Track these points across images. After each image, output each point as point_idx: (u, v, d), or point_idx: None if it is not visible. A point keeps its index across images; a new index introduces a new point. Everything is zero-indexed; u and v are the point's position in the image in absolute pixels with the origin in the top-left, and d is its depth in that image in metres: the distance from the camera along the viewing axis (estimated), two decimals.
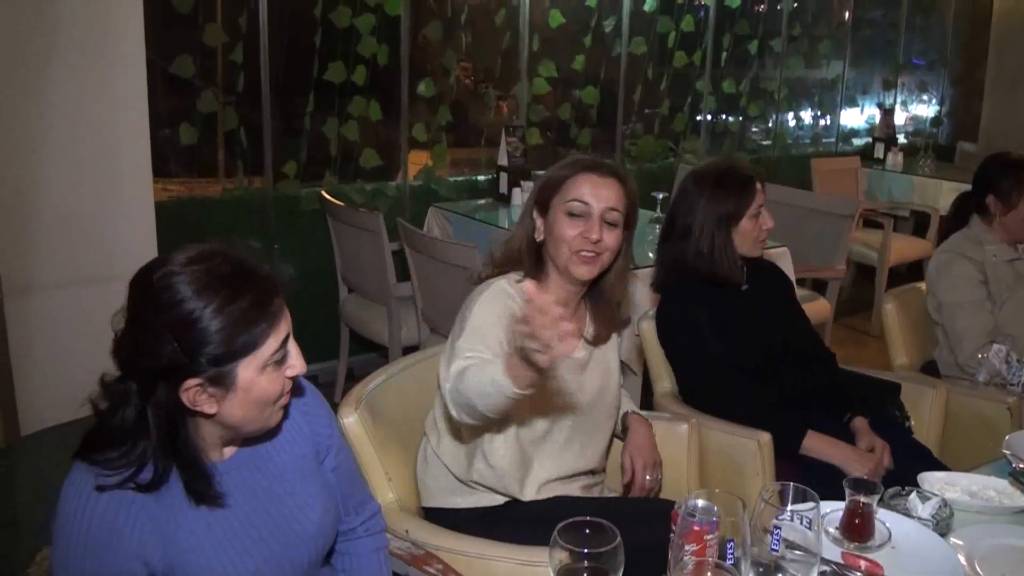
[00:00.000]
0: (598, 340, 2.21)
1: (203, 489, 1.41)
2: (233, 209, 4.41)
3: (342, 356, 4.42)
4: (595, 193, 2.04)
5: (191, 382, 1.31)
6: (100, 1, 2.98)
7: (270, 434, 1.53)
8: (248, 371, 1.35)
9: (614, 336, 2.29)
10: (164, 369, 1.30)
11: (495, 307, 1.99)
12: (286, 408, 1.51)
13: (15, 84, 2.85)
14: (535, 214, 2.10)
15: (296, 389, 1.55)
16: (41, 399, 2.97)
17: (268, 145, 4.40)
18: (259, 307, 1.34)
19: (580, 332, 2.17)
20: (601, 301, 2.19)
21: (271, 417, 1.45)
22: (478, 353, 1.89)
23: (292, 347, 1.42)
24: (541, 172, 5.00)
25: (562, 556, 1.30)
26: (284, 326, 1.39)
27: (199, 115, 4.20)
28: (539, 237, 2.09)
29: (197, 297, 1.29)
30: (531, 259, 2.10)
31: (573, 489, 2.15)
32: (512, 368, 1.64)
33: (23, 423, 3.02)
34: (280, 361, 1.39)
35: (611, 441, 2.30)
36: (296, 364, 1.43)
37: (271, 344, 1.36)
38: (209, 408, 1.35)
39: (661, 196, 4.34)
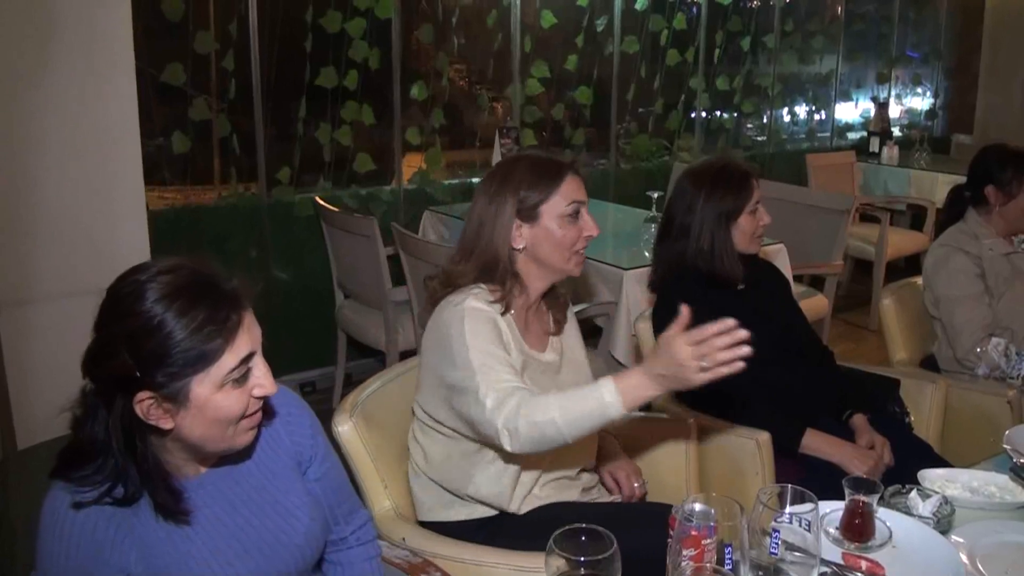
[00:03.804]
0: (559, 328, 2.21)
1: (169, 505, 1.38)
2: (228, 216, 4.40)
3: (339, 362, 4.41)
4: (581, 189, 2.07)
5: (144, 394, 1.29)
6: (89, 10, 2.96)
7: (248, 449, 1.49)
8: (203, 387, 1.31)
9: (573, 329, 2.29)
10: (118, 379, 1.28)
11: (482, 328, 1.95)
12: (261, 424, 1.47)
13: (4, 94, 2.83)
14: (516, 224, 2.03)
15: (277, 399, 1.53)
16: (37, 412, 2.95)
17: (261, 151, 4.40)
18: (215, 321, 1.30)
19: (546, 332, 2.18)
20: (553, 288, 2.18)
21: (237, 437, 1.40)
22: (510, 377, 1.89)
23: (258, 366, 1.38)
24: None
25: (559, 563, 1.29)
26: (245, 343, 1.34)
27: (192, 123, 4.19)
28: (519, 246, 2.04)
29: (152, 307, 1.27)
30: (511, 272, 2.05)
31: (573, 493, 2.13)
32: (646, 387, 1.79)
33: (19, 436, 3.00)
34: (241, 380, 1.35)
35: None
36: (264, 384, 1.38)
37: (227, 361, 1.32)
38: (164, 423, 1.32)
39: (656, 195, 4.33)
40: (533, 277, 2.09)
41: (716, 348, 1.75)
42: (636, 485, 2.24)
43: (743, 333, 1.76)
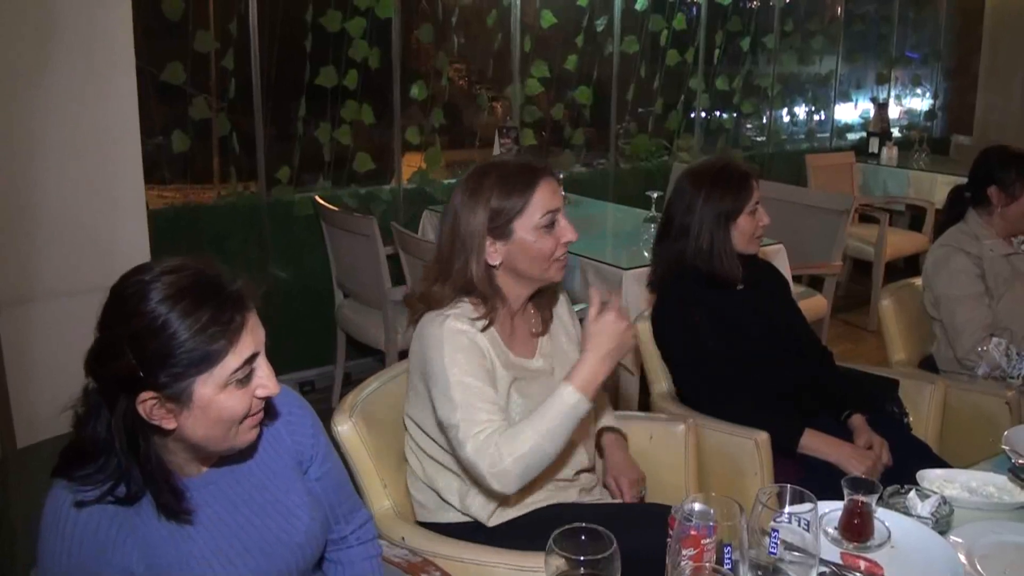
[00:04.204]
0: (545, 327, 2.17)
1: (172, 504, 1.39)
2: (227, 215, 4.40)
3: (339, 361, 4.41)
4: (555, 196, 2.00)
5: (147, 395, 1.29)
6: (89, 10, 2.96)
7: (250, 449, 1.49)
8: (206, 388, 1.31)
9: (563, 326, 2.24)
10: (121, 379, 1.28)
11: (463, 357, 1.93)
12: (263, 424, 1.47)
13: (4, 94, 2.83)
14: (489, 242, 1.98)
15: (279, 398, 1.53)
16: (38, 411, 2.95)
17: (261, 151, 4.40)
18: (219, 322, 1.30)
19: (533, 334, 2.15)
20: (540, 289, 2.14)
21: (239, 437, 1.40)
22: (489, 417, 1.89)
23: (261, 367, 1.38)
24: None
25: (558, 563, 1.29)
26: (249, 344, 1.34)
27: (192, 122, 4.19)
28: (495, 262, 2.00)
29: (156, 308, 1.27)
30: (491, 288, 2.02)
31: (571, 494, 2.13)
32: (600, 372, 1.92)
33: (19, 435, 3.00)
34: (244, 380, 1.35)
35: (594, 433, 2.28)
36: (268, 384, 1.38)
37: (231, 362, 1.32)
38: (167, 423, 1.32)
39: (656, 195, 4.33)
40: (514, 288, 2.06)
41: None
42: (637, 493, 2.22)
43: None
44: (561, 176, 5.00)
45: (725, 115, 6.48)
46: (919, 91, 7.98)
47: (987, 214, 3.15)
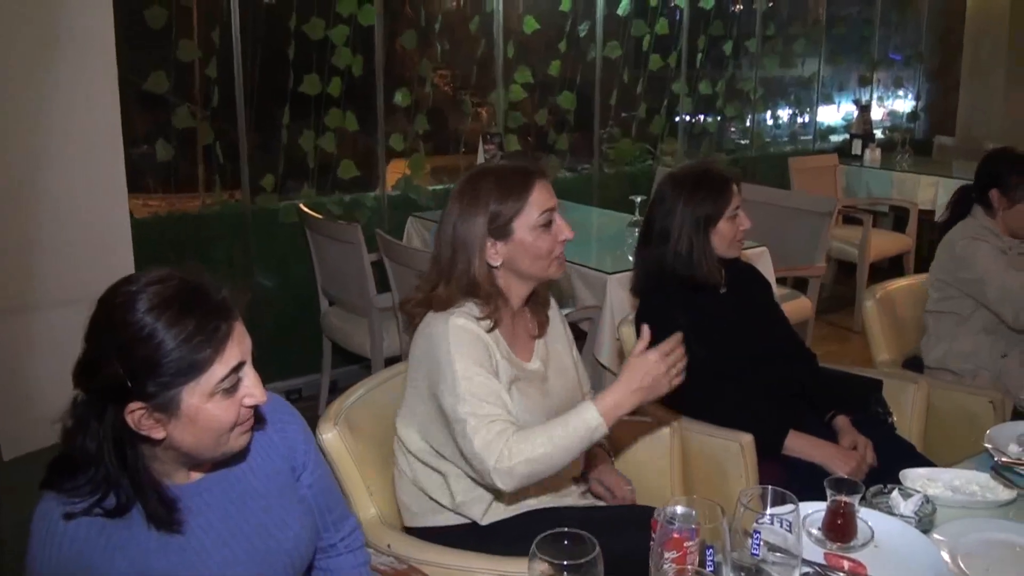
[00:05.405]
0: (542, 330, 2.21)
1: (161, 515, 1.38)
2: (212, 224, 4.40)
3: (325, 369, 4.41)
4: (550, 195, 2.06)
5: (135, 405, 1.29)
6: (70, 19, 2.96)
7: (242, 454, 1.50)
8: (193, 397, 1.31)
9: (558, 331, 2.28)
10: (109, 389, 1.29)
11: (468, 351, 1.96)
12: (255, 429, 1.47)
13: None
14: (489, 244, 2.03)
15: (270, 406, 1.53)
16: (25, 422, 2.94)
17: (245, 159, 4.40)
18: (204, 331, 1.30)
19: (531, 336, 2.18)
20: (534, 291, 2.17)
21: (230, 444, 1.40)
22: (495, 412, 1.91)
23: (248, 376, 1.38)
24: None
25: (542, 568, 1.30)
26: (235, 353, 1.35)
27: (175, 131, 4.18)
28: (497, 263, 2.04)
29: (143, 318, 1.28)
30: (494, 288, 2.05)
31: (564, 498, 2.14)
32: (625, 405, 1.95)
33: (6, 447, 2.99)
34: (231, 389, 1.35)
35: None
36: (255, 393, 1.39)
37: (217, 371, 1.32)
38: (156, 433, 1.32)
39: (639, 199, 4.34)
40: (514, 287, 2.09)
41: (680, 357, 2.00)
42: (629, 488, 2.24)
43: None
44: None
45: (708, 119, 6.50)
46: (901, 93, 8.01)
47: (991, 215, 3.18)
